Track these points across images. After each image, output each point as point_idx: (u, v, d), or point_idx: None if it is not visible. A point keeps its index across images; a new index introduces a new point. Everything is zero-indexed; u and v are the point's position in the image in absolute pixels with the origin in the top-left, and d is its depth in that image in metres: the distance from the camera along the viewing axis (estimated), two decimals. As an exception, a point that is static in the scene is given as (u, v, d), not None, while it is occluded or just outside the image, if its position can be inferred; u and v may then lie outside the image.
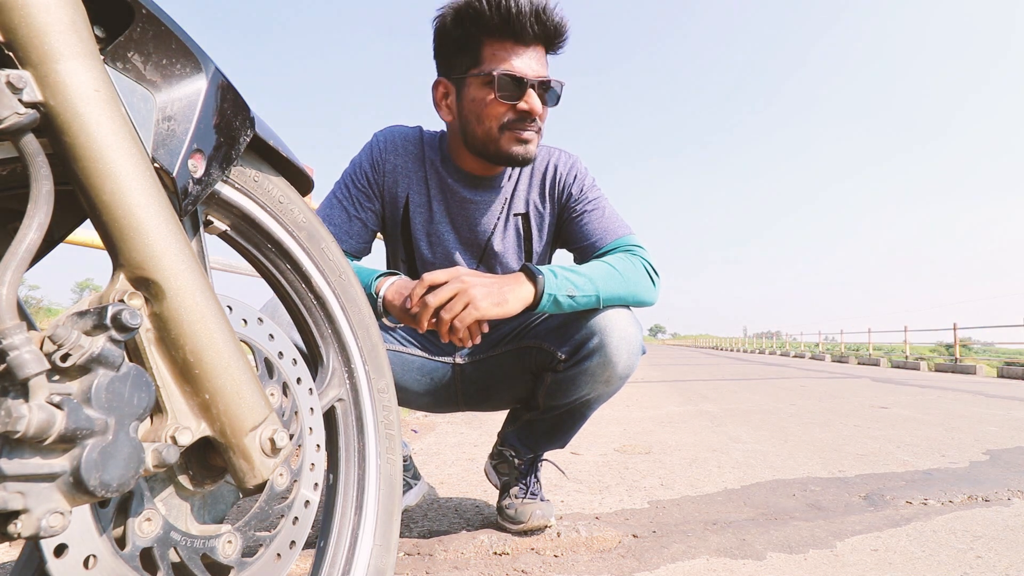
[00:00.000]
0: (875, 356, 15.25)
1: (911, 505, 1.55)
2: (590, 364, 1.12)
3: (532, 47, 1.08)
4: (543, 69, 1.10)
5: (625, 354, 1.12)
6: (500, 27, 1.05)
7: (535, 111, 1.09)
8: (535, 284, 1.02)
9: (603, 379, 1.14)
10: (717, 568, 1.11)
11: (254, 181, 0.58)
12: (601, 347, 1.10)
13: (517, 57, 1.07)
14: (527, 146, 1.12)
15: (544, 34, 1.08)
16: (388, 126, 1.26)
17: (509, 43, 1.06)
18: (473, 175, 1.21)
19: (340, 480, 0.70)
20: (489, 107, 1.09)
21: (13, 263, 0.34)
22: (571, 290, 1.05)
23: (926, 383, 6.87)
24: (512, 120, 1.10)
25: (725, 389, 5.65)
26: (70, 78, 0.37)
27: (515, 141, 1.11)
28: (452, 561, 1.15)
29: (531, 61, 1.08)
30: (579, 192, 1.24)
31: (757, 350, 34.98)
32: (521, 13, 1.03)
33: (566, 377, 1.16)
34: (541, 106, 1.10)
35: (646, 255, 1.19)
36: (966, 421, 3.29)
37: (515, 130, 1.10)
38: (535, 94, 1.08)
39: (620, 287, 1.11)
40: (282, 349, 0.58)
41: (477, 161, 1.18)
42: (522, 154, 1.13)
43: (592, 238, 1.21)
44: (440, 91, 1.15)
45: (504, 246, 1.26)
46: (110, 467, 0.35)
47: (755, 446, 2.49)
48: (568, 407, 1.22)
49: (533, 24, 1.05)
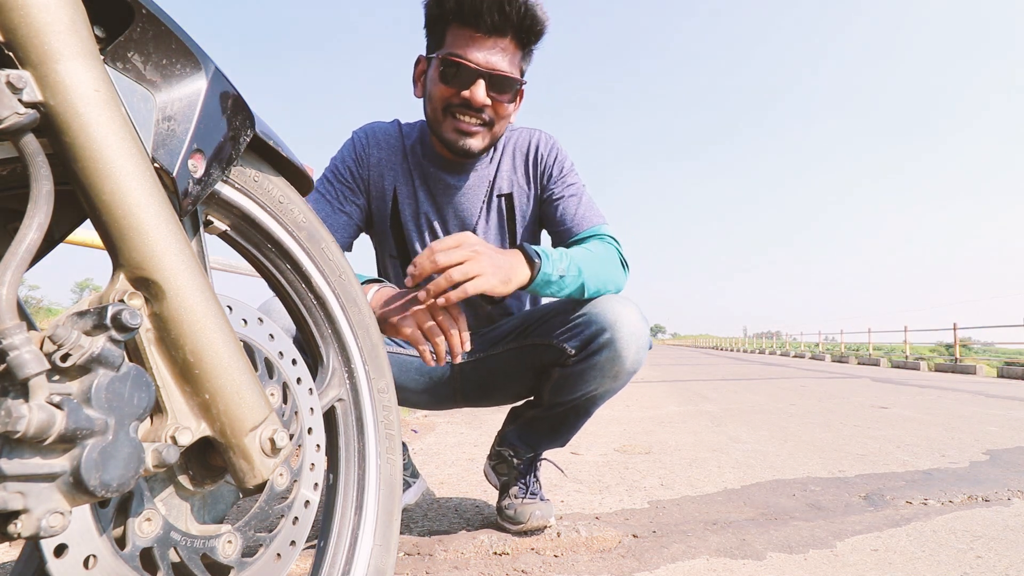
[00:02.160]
0: (875, 356, 15.25)
1: (911, 505, 1.55)
2: (600, 359, 1.12)
3: (495, 38, 1.06)
4: (502, 62, 1.07)
5: (634, 349, 1.12)
6: (458, 13, 1.04)
7: (476, 101, 1.07)
8: (531, 265, 1.02)
9: (611, 374, 1.14)
10: (717, 568, 1.11)
11: (254, 181, 0.58)
12: (612, 342, 1.11)
13: (473, 44, 1.05)
14: (467, 138, 1.12)
15: (509, 26, 1.05)
16: (366, 123, 1.28)
17: (469, 30, 1.05)
18: (454, 161, 1.22)
19: (340, 480, 0.70)
20: (436, 87, 1.09)
21: (13, 263, 0.34)
22: (561, 271, 1.05)
23: (926, 383, 6.87)
24: (455, 106, 1.09)
25: (725, 389, 5.65)
26: (70, 78, 0.37)
27: (454, 129, 1.11)
28: (452, 561, 1.15)
29: (489, 52, 1.06)
30: (559, 173, 1.25)
31: (757, 350, 34.97)
32: (478, 1, 1.01)
33: (575, 372, 1.16)
34: (486, 98, 1.08)
35: (619, 246, 1.21)
36: (966, 421, 3.29)
37: (457, 118, 1.10)
38: (483, 85, 1.07)
39: (600, 274, 1.12)
40: (282, 349, 0.58)
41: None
42: (459, 143, 1.12)
43: (568, 223, 1.22)
44: (419, 68, 1.16)
45: (487, 228, 1.27)
46: (110, 467, 0.35)
47: (755, 446, 2.49)
48: (573, 403, 1.22)
49: (494, 14, 1.02)
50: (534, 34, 1.09)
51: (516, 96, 1.13)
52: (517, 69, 1.11)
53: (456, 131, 1.11)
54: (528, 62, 1.15)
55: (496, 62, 1.07)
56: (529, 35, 1.09)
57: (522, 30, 1.07)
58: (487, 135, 1.14)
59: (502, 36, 1.06)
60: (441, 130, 1.13)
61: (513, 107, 1.16)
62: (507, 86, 1.10)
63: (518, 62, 1.11)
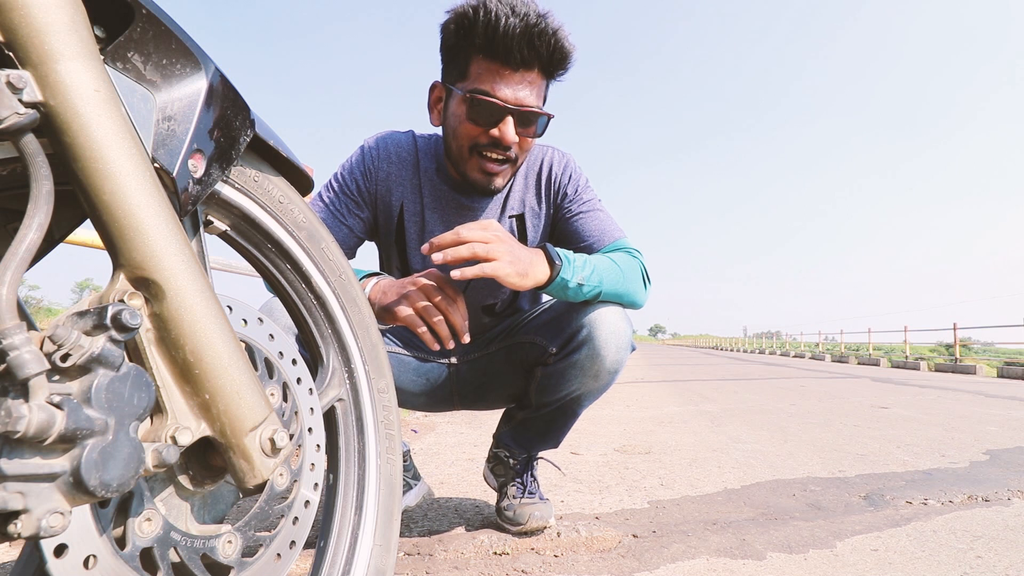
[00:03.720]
0: (875, 356, 15.25)
1: (911, 505, 1.55)
2: (579, 357, 1.12)
3: (522, 71, 1.02)
4: (530, 96, 1.04)
5: (613, 348, 1.12)
6: (486, 47, 0.99)
7: (506, 140, 1.04)
8: (552, 266, 1.01)
9: (592, 373, 1.14)
10: (717, 568, 1.11)
11: (254, 181, 0.58)
12: (590, 339, 1.10)
13: (501, 80, 1.01)
14: (492, 178, 1.09)
15: (537, 60, 1.02)
16: (379, 133, 1.24)
17: (496, 64, 1.01)
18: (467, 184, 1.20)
19: (340, 480, 0.70)
20: (463, 126, 1.06)
21: (13, 263, 0.34)
22: (580, 278, 1.04)
23: (926, 383, 6.87)
24: (482, 145, 1.06)
25: (725, 389, 5.65)
26: (70, 78, 0.37)
27: (479, 170, 1.08)
28: (452, 561, 1.15)
29: (517, 87, 1.02)
30: (574, 192, 1.23)
31: (757, 350, 34.98)
32: (509, 36, 0.97)
33: (556, 371, 1.16)
34: (515, 136, 1.05)
35: (643, 259, 1.19)
36: (966, 421, 3.28)
37: (484, 158, 1.07)
38: (511, 122, 1.03)
39: (620, 284, 1.11)
40: (282, 349, 0.58)
41: None
42: (484, 184, 1.10)
43: (589, 239, 1.20)
44: (435, 94, 1.13)
45: None
46: (110, 467, 0.35)
47: (755, 446, 2.49)
48: (559, 403, 1.22)
49: (523, 48, 0.98)
50: (562, 65, 1.07)
51: (543, 129, 1.10)
52: (542, 99, 1.08)
53: (483, 172, 1.09)
54: (550, 88, 1.12)
55: (524, 97, 1.03)
56: (557, 67, 1.06)
57: (551, 64, 1.04)
58: (510, 171, 1.12)
59: (530, 70, 1.03)
60: (466, 168, 1.10)
61: (538, 139, 1.13)
62: (535, 121, 1.06)
63: (544, 92, 1.08)
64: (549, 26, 0.99)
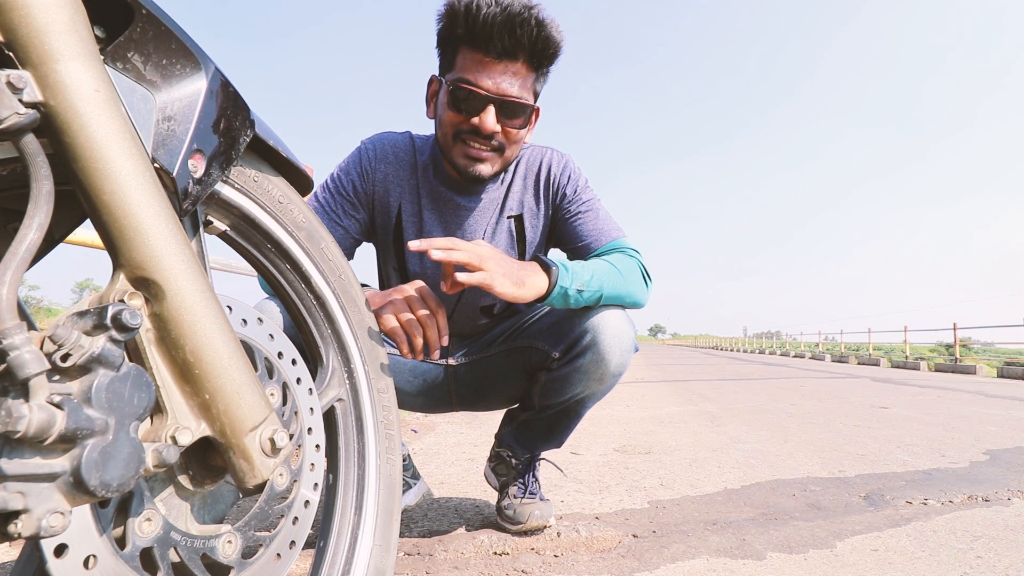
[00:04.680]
0: (875, 356, 15.25)
1: (911, 505, 1.55)
2: (583, 361, 1.12)
3: (505, 62, 1.02)
4: (513, 87, 1.03)
5: (618, 351, 1.12)
6: (468, 36, 1.00)
7: (486, 128, 1.04)
8: (548, 275, 1.01)
9: (596, 376, 1.14)
10: (717, 568, 1.11)
11: (254, 181, 0.58)
12: (594, 344, 1.10)
13: (484, 70, 1.02)
14: (477, 164, 1.09)
15: (521, 50, 1.01)
16: (377, 133, 1.24)
17: (479, 54, 1.01)
18: (464, 181, 1.19)
19: (340, 480, 0.70)
20: (447, 114, 1.07)
21: (13, 263, 0.34)
22: (579, 284, 1.04)
23: (926, 383, 6.87)
24: (465, 132, 1.07)
25: (725, 389, 5.65)
26: (70, 78, 0.37)
27: (463, 155, 1.09)
28: (452, 561, 1.15)
29: (499, 77, 1.02)
30: (573, 192, 1.23)
31: (757, 350, 34.97)
32: (488, 25, 0.97)
33: (560, 375, 1.16)
34: (495, 124, 1.05)
35: (641, 258, 1.19)
36: (966, 421, 3.29)
37: (467, 144, 1.07)
38: (492, 111, 1.03)
39: (620, 287, 1.11)
40: (282, 349, 0.58)
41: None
42: (469, 169, 1.10)
43: (587, 239, 1.20)
44: (432, 88, 1.14)
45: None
46: (110, 467, 0.35)
47: (755, 446, 2.49)
48: (563, 406, 1.22)
49: (504, 37, 0.98)
50: (547, 57, 1.06)
51: (528, 121, 1.10)
52: (530, 92, 1.08)
53: (466, 157, 1.09)
54: (543, 82, 1.11)
55: (506, 87, 1.03)
56: (542, 58, 1.05)
57: (534, 53, 1.03)
58: (497, 160, 1.12)
59: (513, 60, 1.02)
60: (451, 155, 1.10)
61: (526, 131, 1.12)
62: (518, 111, 1.06)
63: (531, 85, 1.08)
64: (533, 16, 1.00)
